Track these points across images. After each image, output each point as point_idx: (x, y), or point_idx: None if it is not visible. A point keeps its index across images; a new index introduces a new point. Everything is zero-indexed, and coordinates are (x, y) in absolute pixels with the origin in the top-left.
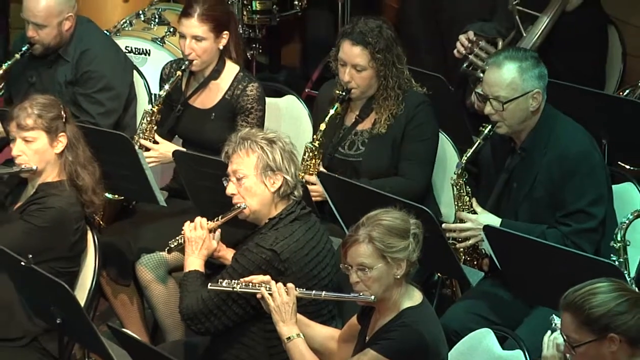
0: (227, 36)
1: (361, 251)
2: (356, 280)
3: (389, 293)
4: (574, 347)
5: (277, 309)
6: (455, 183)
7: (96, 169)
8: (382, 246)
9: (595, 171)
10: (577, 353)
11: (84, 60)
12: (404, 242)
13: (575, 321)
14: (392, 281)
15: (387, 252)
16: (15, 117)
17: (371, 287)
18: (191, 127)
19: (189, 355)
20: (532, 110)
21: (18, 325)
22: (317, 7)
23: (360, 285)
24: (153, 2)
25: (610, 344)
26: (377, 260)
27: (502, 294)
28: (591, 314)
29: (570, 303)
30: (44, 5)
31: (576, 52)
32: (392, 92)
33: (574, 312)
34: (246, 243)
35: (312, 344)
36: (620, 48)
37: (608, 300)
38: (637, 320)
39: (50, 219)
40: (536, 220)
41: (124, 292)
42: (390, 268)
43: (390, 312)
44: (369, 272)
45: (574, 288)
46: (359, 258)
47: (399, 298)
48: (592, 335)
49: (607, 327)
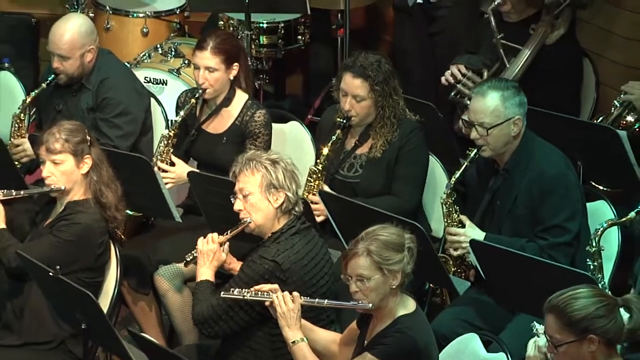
0: (237, 67)
1: (360, 263)
2: (355, 290)
3: (385, 302)
4: (556, 346)
5: (283, 315)
6: (445, 202)
7: (118, 187)
8: (379, 259)
9: (570, 190)
10: (560, 352)
11: (103, 88)
12: (399, 255)
13: (558, 323)
14: (388, 291)
15: (383, 264)
16: (45, 141)
17: (369, 296)
18: (204, 150)
19: (201, 358)
20: (514, 135)
21: (47, 330)
22: (319, 42)
23: (359, 294)
24: (169, 36)
25: (590, 344)
26: (374, 271)
27: (487, 301)
28: (573, 316)
29: (554, 306)
30: (68, 38)
31: (554, 82)
32: (388, 120)
33: (557, 314)
34: (251, 255)
35: (315, 347)
36: (594, 79)
37: (588, 305)
38: (613, 323)
39: (77, 233)
40: (517, 234)
41: (143, 300)
42: (386, 279)
43: (386, 319)
44: (367, 282)
45: (557, 293)
46: (358, 270)
47: (395, 306)
48: (573, 336)
49: (587, 329)
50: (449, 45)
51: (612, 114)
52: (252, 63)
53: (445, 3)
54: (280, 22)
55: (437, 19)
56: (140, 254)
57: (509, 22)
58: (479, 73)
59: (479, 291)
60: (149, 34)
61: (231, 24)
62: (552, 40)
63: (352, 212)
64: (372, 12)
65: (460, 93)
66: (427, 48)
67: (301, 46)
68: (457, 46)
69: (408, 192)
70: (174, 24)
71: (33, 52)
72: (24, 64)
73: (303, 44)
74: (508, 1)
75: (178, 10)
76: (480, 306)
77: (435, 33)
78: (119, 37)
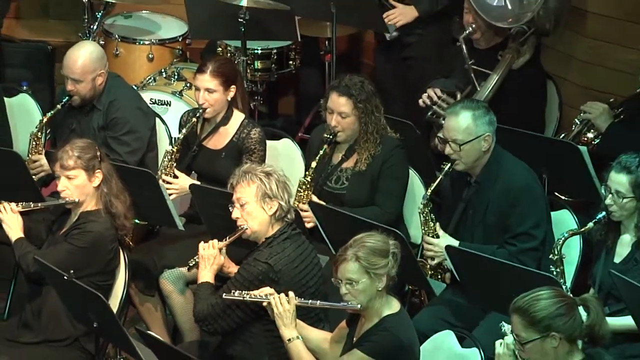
0: (234, 89)
1: (349, 268)
2: (345, 292)
3: (372, 302)
4: (522, 344)
5: (280, 315)
6: (422, 211)
7: (127, 198)
8: (366, 264)
9: (535, 200)
10: (525, 349)
11: (112, 108)
12: (385, 261)
13: (522, 322)
14: (375, 293)
15: (370, 269)
16: (59, 159)
17: (358, 298)
18: (205, 165)
19: (202, 353)
20: (484, 151)
21: (63, 329)
22: (308, 66)
23: (349, 295)
24: (173, 62)
25: (552, 341)
26: (362, 275)
27: (461, 302)
28: (535, 316)
29: (518, 308)
30: (80, 64)
31: (521, 103)
32: (371, 135)
33: (521, 315)
34: (247, 258)
35: (308, 345)
36: (557, 99)
37: (549, 305)
38: (573, 321)
39: (89, 241)
40: (488, 241)
41: (149, 301)
42: (373, 282)
43: (373, 318)
44: (356, 285)
45: (521, 295)
46: (348, 274)
47: (381, 307)
48: (536, 334)
49: (549, 327)
50: (421, 68)
51: (573, 131)
52: (248, 85)
53: (415, 31)
54: (273, 49)
55: (409, 45)
56: (146, 259)
57: (479, 49)
58: (452, 95)
59: (454, 292)
60: (154, 59)
61: (229, 50)
62: (518, 65)
63: (338, 220)
64: (355, 39)
65: (435, 113)
66: (402, 71)
67: (292, 70)
68: (428, 70)
69: (390, 204)
70: (177, 50)
71: (49, 76)
72: (40, 87)
73: (294, 68)
74: (478, 30)
75: (180, 38)
76: (455, 306)
77: (408, 57)
78: (127, 63)
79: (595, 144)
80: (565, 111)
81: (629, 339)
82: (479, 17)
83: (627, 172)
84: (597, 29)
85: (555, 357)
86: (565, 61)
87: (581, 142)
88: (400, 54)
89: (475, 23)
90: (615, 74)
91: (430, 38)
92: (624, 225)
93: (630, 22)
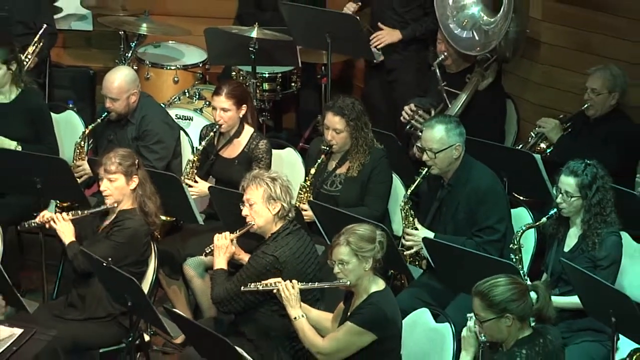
0: (245, 108)
1: (341, 251)
2: (337, 271)
3: (361, 280)
4: (481, 322)
5: (287, 299)
6: (403, 208)
7: (157, 199)
8: (355, 248)
9: (498, 200)
10: (484, 327)
11: (144, 122)
12: (372, 246)
13: (482, 304)
14: (363, 272)
15: (359, 252)
16: (103, 164)
17: (348, 276)
18: (221, 171)
19: (218, 328)
20: (455, 158)
21: (104, 308)
22: (307, 88)
23: (340, 274)
24: (194, 84)
25: (506, 320)
26: (352, 257)
27: (435, 284)
28: (493, 300)
29: (479, 292)
30: (117, 85)
31: (486, 118)
32: (361, 147)
33: (481, 298)
34: (256, 250)
35: (311, 322)
36: (515, 115)
37: (505, 291)
38: (524, 304)
39: (127, 236)
40: (458, 234)
41: (174, 284)
42: (361, 263)
43: (362, 294)
44: (346, 265)
45: (482, 281)
46: (340, 255)
47: (368, 284)
48: (493, 314)
49: (504, 309)
50: (403, 89)
51: (529, 142)
52: (257, 104)
53: (397, 57)
54: (278, 73)
55: (393, 70)
56: (172, 249)
57: (450, 73)
58: (427, 112)
59: (430, 276)
60: (179, 82)
61: (241, 74)
62: (483, 86)
63: (333, 217)
64: (348, 65)
65: (413, 127)
66: (387, 92)
67: (294, 91)
68: (408, 90)
69: (377, 205)
70: (198, 74)
71: (91, 96)
72: (83, 105)
73: (295, 89)
74: (449, 57)
75: (201, 64)
76: (430, 288)
77: (392, 81)
78: (156, 84)
79: (547, 152)
80: (522, 125)
81: (574, 315)
82: (450, 46)
83: (574, 175)
84: (549, 57)
85: (508, 333)
86: (522, 83)
87: (536, 151)
88: (386, 77)
89: (447, 51)
90: (564, 94)
91: (411, 64)
92: (572, 220)
93: (576, 51)
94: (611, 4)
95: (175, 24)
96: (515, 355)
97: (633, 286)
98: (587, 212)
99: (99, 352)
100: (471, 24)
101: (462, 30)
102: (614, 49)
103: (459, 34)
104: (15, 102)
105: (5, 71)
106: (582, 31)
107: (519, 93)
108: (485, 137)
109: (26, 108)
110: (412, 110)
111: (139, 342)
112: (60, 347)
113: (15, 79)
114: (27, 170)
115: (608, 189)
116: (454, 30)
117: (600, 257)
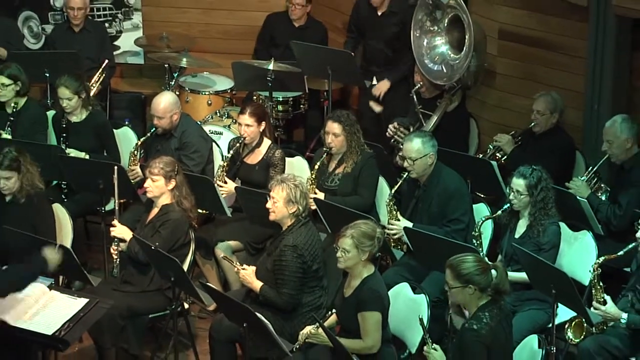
0: (264, 124)
1: (345, 242)
2: (339, 256)
3: (357, 266)
4: (450, 289)
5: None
6: (388, 204)
7: (192, 199)
8: (357, 242)
9: (463, 197)
10: (452, 293)
11: (184, 136)
12: (371, 242)
13: (451, 275)
14: (359, 261)
15: (359, 245)
16: (150, 166)
17: (346, 262)
18: (245, 174)
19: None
20: (430, 164)
21: (154, 282)
22: (313, 109)
23: (341, 259)
24: (224, 106)
25: (469, 289)
26: (353, 249)
27: (414, 264)
28: (460, 272)
29: (450, 264)
30: (162, 107)
31: (453, 133)
32: (354, 149)
33: (451, 269)
34: (275, 244)
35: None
36: (477, 131)
37: (471, 266)
38: (485, 278)
39: (173, 227)
40: (432, 224)
41: (208, 263)
42: (359, 254)
43: (357, 277)
44: (347, 254)
45: (454, 256)
46: (343, 245)
47: (362, 269)
48: (459, 284)
49: (468, 281)
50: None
51: (487, 152)
52: (273, 121)
53: None
54: (290, 97)
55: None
56: (206, 236)
57: (425, 98)
58: (407, 128)
59: (409, 258)
60: (212, 104)
61: (261, 98)
62: (450, 108)
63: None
64: (345, 91)
65: (396, 140)
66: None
67: (302, 112)
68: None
69: (367, 194)
70: (227, 98)
71: (142, 115)
72: (137, 123)
73: (303, 110)
74: (424, 86)
75: (229, 90)
76: (410, 267)
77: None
78: (193, 106)
79: (502, 160)
80: (482, 139)
81: (523, 287)
82: (424, 77)
83: (523, 178)
84: (503, 84)
85: (470, 300)
86: (481, 106)
87: (493, 159)
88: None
89: (422, 81)
90: (515, 114)
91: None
92: (522, 213)
93: (524, 79)
94: (553, 43)
95: (209, 59)
96: (481, 317)
97: (569, 265)
98: (533, 207)
99: (148, 317)
100: (441, 60)
101: (434, 65)
102: (555, 78)
103: (431, 68)
104: (85, 121)
105: (77, 99)
106: (530, 64)
107: (479, 113)
108: (453, 148)
109: (94, 125)
110: (395, 127)
111: (180, 309)
112: (118, 314)
113: (84, 103)
114: (92, 173)
115: (550, 189)
116: (427, 64)
117: (543, 242)
